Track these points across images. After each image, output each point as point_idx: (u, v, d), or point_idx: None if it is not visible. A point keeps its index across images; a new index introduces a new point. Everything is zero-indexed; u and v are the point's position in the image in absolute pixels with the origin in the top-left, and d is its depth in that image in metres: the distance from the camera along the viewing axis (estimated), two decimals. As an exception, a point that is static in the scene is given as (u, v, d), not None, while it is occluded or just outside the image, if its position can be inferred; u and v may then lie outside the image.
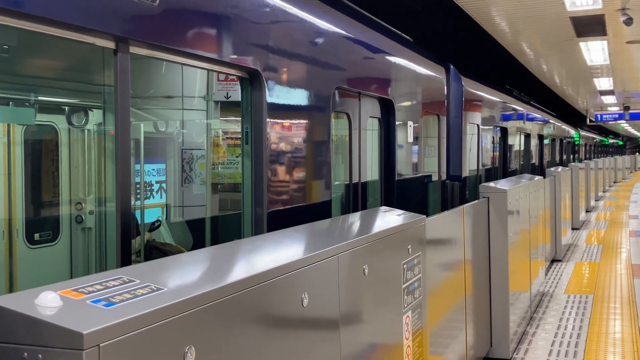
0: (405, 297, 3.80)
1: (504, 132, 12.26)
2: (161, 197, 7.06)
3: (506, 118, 12.23)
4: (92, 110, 5.91)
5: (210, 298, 1.98)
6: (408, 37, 7.61)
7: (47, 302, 1.66)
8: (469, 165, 9.34)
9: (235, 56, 3.80)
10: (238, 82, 4.46)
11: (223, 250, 2.77)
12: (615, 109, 31.31)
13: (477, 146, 9.92)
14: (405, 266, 3.79)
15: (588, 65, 16.77)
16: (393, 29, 7.01)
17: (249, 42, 3.94)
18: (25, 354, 1.57)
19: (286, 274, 2.45)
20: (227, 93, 6.55)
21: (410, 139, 6.85)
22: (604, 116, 31.29)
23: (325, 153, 4.87)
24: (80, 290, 1.81)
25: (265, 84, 3.99)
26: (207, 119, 6.87)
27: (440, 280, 5.13)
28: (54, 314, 1.62)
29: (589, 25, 11.74)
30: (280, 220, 4.16)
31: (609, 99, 27.22)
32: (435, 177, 7.94)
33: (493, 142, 11.45)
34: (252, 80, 4.00)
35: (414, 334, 3.92)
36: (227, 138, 6.89)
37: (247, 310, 2.20)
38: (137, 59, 3.19)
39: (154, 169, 7.00)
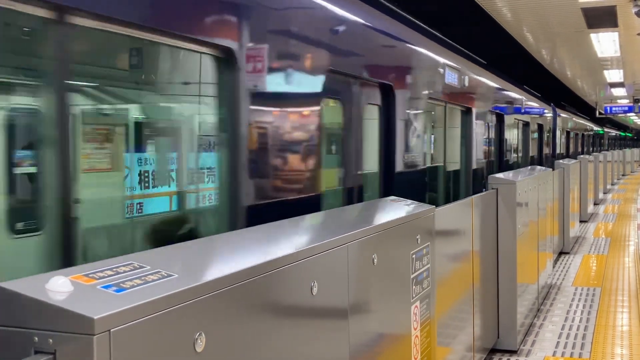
0: (414, 287, 3.79)
1: (567, 134, 21.37)
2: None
3: (568, 126, 21.61)
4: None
5: (220, 285, 1.98)
6: (533, 91, 14.88)
7: (58, 287, 1.65)
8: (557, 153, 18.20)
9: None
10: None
11: (234, 237, 2.77)
12: (625, 101, 31.12)
13: (564, 143, 20.15)
14: (414, 256, 3.78)
15: (598, 57, 16.69)
16: (526, 87, 13.83)
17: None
18: (36, 338, 1.57)
19: (296, 262, 2.45)
20: None
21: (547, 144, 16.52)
22: (614, 108, 31.06)
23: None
24: (90, 275, 1.80)
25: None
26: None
27: (448, 270, 5.12)
28: (65, 298, 1.62)
29: (600, 17, 11.67)
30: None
31: (618, 92, 27.07)
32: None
33: (565, 141, 20.78)
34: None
35: (422, 324, 3.91)
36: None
37: (257, 298, 2.20)
38: None
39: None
